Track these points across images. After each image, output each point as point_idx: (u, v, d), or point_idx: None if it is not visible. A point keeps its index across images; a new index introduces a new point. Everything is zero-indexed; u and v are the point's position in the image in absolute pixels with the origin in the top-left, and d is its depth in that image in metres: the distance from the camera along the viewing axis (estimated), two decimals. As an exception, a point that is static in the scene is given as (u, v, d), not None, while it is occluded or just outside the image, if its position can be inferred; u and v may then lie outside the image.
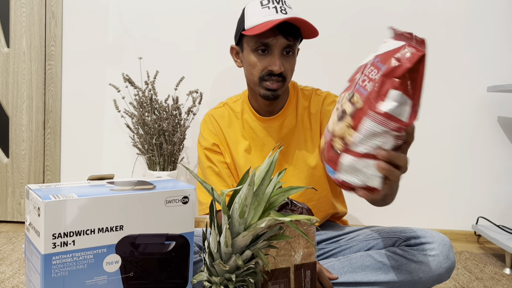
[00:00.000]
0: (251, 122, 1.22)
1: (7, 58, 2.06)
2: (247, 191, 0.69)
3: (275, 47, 1.08)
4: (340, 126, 0.76)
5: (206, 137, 1.24)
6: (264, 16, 1.07)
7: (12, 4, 2.04)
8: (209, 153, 1.22)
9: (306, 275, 0.90)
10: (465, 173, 2.07)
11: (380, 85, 0.70)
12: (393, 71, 0.69)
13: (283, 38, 1.07)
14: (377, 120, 0.70)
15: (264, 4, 1.09)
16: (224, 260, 0.74)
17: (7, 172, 2.11)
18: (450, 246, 1.04)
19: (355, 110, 0.73)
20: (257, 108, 1.22)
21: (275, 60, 1.08)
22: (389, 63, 0.69)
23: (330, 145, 0.79)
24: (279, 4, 1.09)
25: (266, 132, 1.21)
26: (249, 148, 1.21)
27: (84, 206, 0.72)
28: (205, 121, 1.27)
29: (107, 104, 2.08)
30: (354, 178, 0.76)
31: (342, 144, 0.76)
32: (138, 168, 2.09)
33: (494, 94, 2.04)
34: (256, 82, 1.13)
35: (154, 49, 2.05)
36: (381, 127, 0.71)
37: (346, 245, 1.18)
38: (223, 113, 1.26)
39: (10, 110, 2.08)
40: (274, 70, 1.08)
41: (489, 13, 2.01)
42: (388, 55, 0.71)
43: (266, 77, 1.10)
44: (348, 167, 0.75)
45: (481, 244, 2.07)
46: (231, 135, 1.23)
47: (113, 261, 0.75)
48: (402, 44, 0.70)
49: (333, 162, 0.78)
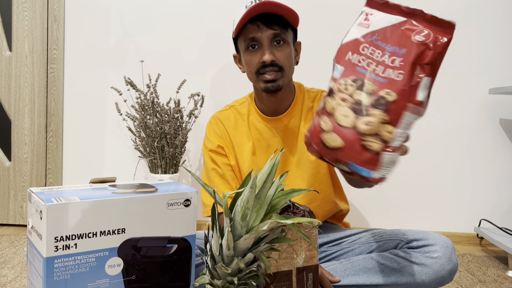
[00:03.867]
0: (256, 123, 1.23)
1: (9, 61, 2.07)
2: (249, 194, 0.69)
3: (263, 40, 1.10)
4: (367, 122, 0.69)
5: (211, 139, 1.24)
6: (244, 12, 1.10)
7: (15, 8, 2.04)
8: (214, 155, 1.23)
9: (308, 278, 0.90)
10: (467, 175, 2.07)
11: (410, 73, 0.66)
12: (422, 57, 0.65)
13: (267, 29, 1.09)
14: (416, 111, 0.68)
15: (248, 5, 1.11)
16: (226, 263, 0.73)
17: (9, 175, 2.11)
18: (453, 249, 1.03)
19: (388, 103, 0.68)
20: (263, 109, 1.23)
21: (264, 51, 1.10)
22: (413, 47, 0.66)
23: (360, 146, 0.71)
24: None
25: (271, 133, 1.21)
26: (254, 149, 1.22)
27: (86, 209, 0.72)
28: (211, 123, 1.28)
29: (109, 107, 2.08)
30: (389, 171, 0.71)
31: (380, 143, 0.69)
32: (140, 171, 2.10)
33: (496, 96, 2.04)
34: (255, 78, 1.14)
35: (155, 52, 2.06)
36: (417, 116, 0.69)
37: (348, 247, 1.18)
38: (229, 115, 1.26)
39: (12, 113, 2.09)
40: (265, 60, 1.10)
41: (491, 15, 2.01)
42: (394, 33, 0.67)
43: (262, 70, 1.12)
44: (387, 163, 0.71)
45: (484, 247, 2.06)
46: (236, 137, 1.24)
47: (115, 264, 0.75)
48: (403, 20, 0.67)
49: (372, 163, 0.71)
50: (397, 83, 0.67)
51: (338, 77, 0.74)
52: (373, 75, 0.69)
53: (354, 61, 0.72)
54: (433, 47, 0.65)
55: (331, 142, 0.74)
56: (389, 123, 0.68)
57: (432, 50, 0.65)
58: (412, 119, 0.69)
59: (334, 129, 0.73)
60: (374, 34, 0.70)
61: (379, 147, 0.69)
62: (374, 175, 0.71)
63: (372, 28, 0.71)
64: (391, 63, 0.68)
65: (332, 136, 0.74)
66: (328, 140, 0.75)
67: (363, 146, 0.70)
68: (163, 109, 1.86)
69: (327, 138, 0.75)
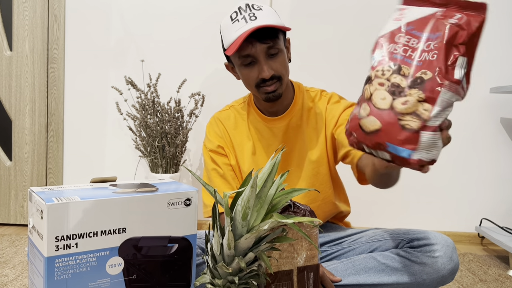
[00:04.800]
0: (256, 123, 1.23)
1: (10, 61, 2.07)
2: (250, 193, 0.69)
3: (257, 55, 1.08)
4: (405, 101, 0.70)
5: (212, 139, 1.25)
6: (236, 31, 1.07)
7: (15, 7, 2.04)
8: (214, 155, 1.23)
9: (309, 277, 0.90)
10: (468, 175, 2.07)
11: (445, 53, 0.68)
12: (456, 38, 0.67)
13: (260, 44, 1.07)
14: (453, 89, 0.68)
15: (234, 18, 1.09)
16: (227, 262, 0.73)
17: (10, 175, 2.11)
18: (454, 248, 1.03)
19: (424, 82, 0.69)
20: (262, 109, 1.23)
21: (262, 67, 1.09)
22: (447, 30, 0.68)
23: (398, 126, 0.71)
24: (246, 12, 1.08)
25: (271, 133, 1.21)
26: (254, 149, 1.22)
27: (87, 209, 0.72)
28: (211, 123, 1.28)
29: (110, 106, 2.08)
30: (429, 154, 0.71)
31: (418, 121, 0.69)
32: (141, 170, 2.10)
33: (497, 95, 2.03)
34: (255, 90, 1.14)
35: (156, 52, 2.06)
36: (456, 95, 0.69)
37: (349, 247, 1.18)
38: (229, 115, 1.27)
39: (13, 113, 2.09)
40: (264, 77, 1.09)
41: (492, 14, 2.01)
42: (428, 21, 0.69)
43: (261, 84, 1.11)
44: (427, 144, 0.70)
45: (485, 246, 2.06)
46: (236, 137, 1.24)
47: (116, 263, 0.75)
48: (437, 10, 0.69)
49: (410, 142, 0.70)
50: (432, 62, 0.69)
51: (376, 65, 0.75)
52: (409, 60, 0.71)
53: (390, 50, 0.74)
54: (466, 28, 0.67)
55: (369, 126, 0.74)
56: (426, 101, 0.69)
57: (466, 31, 0.67)
58: (451, 97, 0.69)
59: (372, 112, 0.73)
60: (409, 25, 0.72)
61: (418, 126, 0.69)
62: (414, 156, 0.71)
63: (407, 20, 0.73)
64: (426, 48, 0.70)
65: (370, 120, 0.73)
66: (367, 124, 0.74)
67: (402, 126, 0.70)
68: (163, 108, 1.86)
69: (365, 122, 0.74)
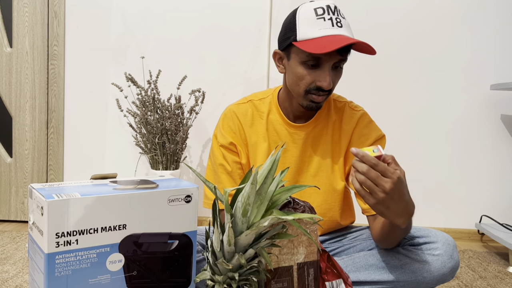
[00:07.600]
0: (277, 125, 1.16)
1: (10, 58, 2.07)
2: (250, 190, 0.69)
3: (326, 62, 1.01)
4: None
5: (225, 134, 1.17)
6: (320, 29, 1.00)
7: (15, 4, 2.04)
8: (225, 151, 1.17)
9: (309, 273, 0.90)
10: (468, 172, 2.07)
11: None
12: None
13: (337, 55, 1.01)
14: None
15: (319, 14, 1.01)
16: (227, 259, 0.74)
17: (11, 171, 2.11)
18: (454, 246, 1.03)
19: None
20: (287, 112, 1.16)
21: (325, 76, 1.02)
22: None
23: None
24: (334, 15, 1.01)
25: (291, 138, 1.16)
26: (270, 151, 1.16)
27: (87, 205, 0.72)
28: (226, 116, 1.20)
29: (110, 103, 2.08)
30: None
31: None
32: (141, 167, 2.10)
33: (497, 92, 2.03)
34: (302, 94, 1.07)
35: (156, 48, 2.05)
36: None
37: (349, 244, 1.18)
38: (246, 110, 1.18)
39: (13, 109, 2.09)
40: (323, 87, 1.02)
41: (492, 11, 2.00)
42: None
43: (313, 91, 1.04)
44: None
45: (485, 243, 2.06)
46: (252, 136, 1.17)
47: (116, 260, 0.76)
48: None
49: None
50: None
51: None
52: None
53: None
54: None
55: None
56: None
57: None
58: None
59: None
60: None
61: None
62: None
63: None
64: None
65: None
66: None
67: None
68: (164, 105, 1.85)
69: None
